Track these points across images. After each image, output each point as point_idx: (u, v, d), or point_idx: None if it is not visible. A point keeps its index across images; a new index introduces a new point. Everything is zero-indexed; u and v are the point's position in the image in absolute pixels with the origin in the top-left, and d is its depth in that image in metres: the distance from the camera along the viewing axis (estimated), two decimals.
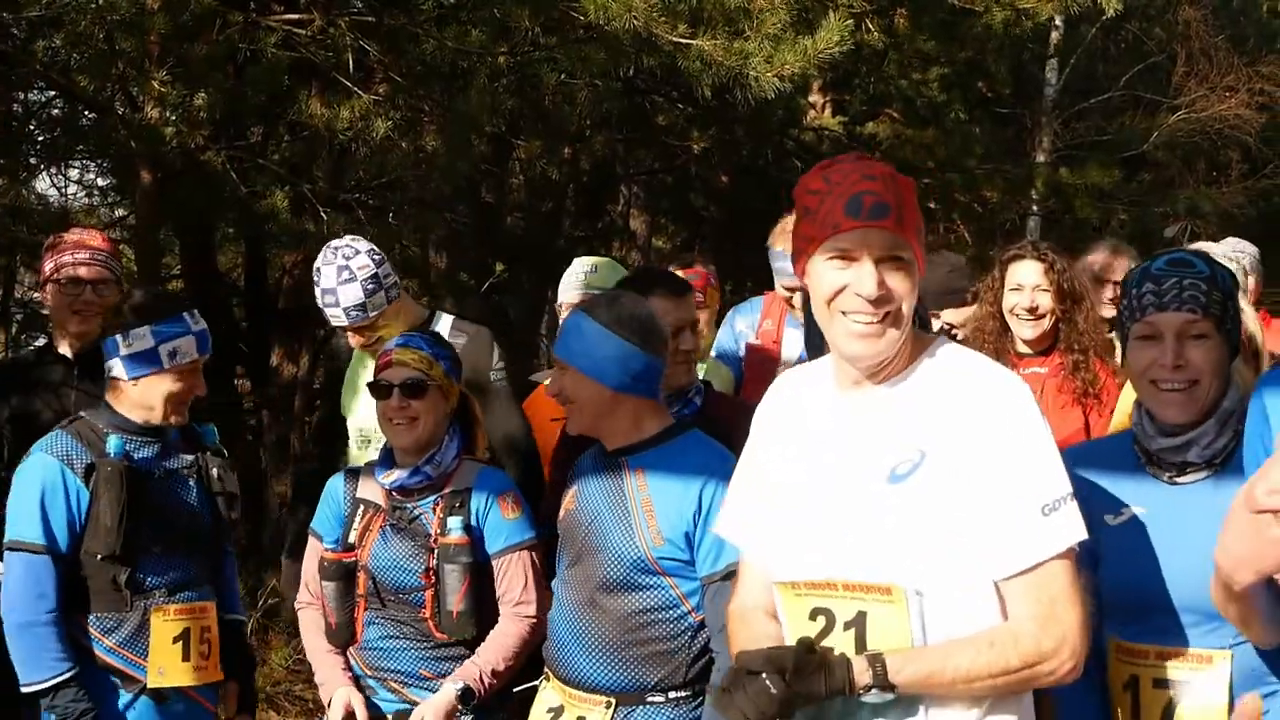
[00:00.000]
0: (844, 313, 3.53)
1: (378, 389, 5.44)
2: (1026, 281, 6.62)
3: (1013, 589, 3.48)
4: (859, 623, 3.50)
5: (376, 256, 6.53)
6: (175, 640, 5.35)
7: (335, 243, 6.56)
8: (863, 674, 3.42)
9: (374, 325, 6.48)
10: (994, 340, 6.68)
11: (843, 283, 3.52)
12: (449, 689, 5.23)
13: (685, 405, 5.54)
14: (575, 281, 7.30)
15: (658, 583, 4.78)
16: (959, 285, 7.51)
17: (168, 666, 5.34)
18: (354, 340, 6.57)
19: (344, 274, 6.38)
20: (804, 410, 3.80)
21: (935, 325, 7.06)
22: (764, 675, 3.37)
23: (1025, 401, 3.55)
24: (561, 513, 5.10)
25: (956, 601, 3.49)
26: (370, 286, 6.41)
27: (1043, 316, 6.59)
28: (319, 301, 6.49)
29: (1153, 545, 4.14)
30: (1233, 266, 6.51)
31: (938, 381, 3.58)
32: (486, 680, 5.27)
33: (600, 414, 4.91)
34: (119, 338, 5.31)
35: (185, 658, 5.38)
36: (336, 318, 6.43)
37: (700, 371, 6.97)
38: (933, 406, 3.53)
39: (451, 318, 6.81)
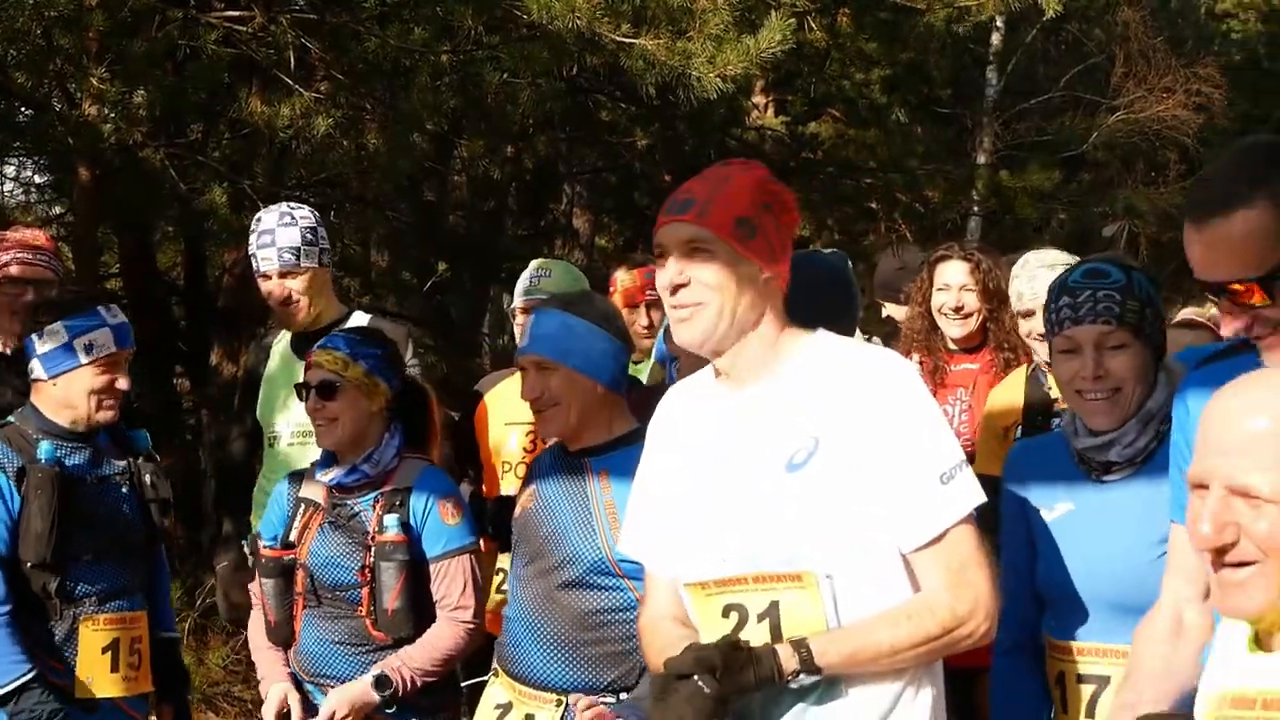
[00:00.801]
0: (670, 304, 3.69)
1: (300, 389, 5.46)
2: (953, 281, 6.68)
3: (921, 559, 3.57)
4: (772, 613, 3.56)
5: (317, 216, 6.63)
6: (104, 650, 5.30)
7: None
8: (789, 660, 3.47)
9: (302, 282, 6.48)
10: (923, 338, 6.78)
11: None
12: (365, 678, 5.21)
13: None
14: (530, 284, 7.29)
15: (616, 584, 4.79)
16: (901, 283, 7.59)
17: (96, 676, 5.28)
18: (278, 292, 6.52)
19: (285, 219, 6.46)
20: (694, 418, 3.86)
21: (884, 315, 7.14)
22: (695, 677, 3.39)
23: (909, 377, 3.68)
24: (518, 510, 5.10)
25: (866, 580, 3.56)
26: (309, 237, 6.49)
27: (969, 316, 6.66)
28: (253, 247, 6.54)
29: (1080, 542, 4.26)
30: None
31: (821, 370, 3.66)
32: (406, 673, 5.23)
33: (587, 412, 4.91)
34: (35, 336, 5.28)
35: (114, 668, 5.32)
36: (268, 259, 6.45)
37: (644, 373, 7.00)
38: (820, 394, 3.61)
39: (368, 315, 6.81)
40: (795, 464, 3.59)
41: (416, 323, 14.29)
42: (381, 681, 5.20)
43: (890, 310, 7.59)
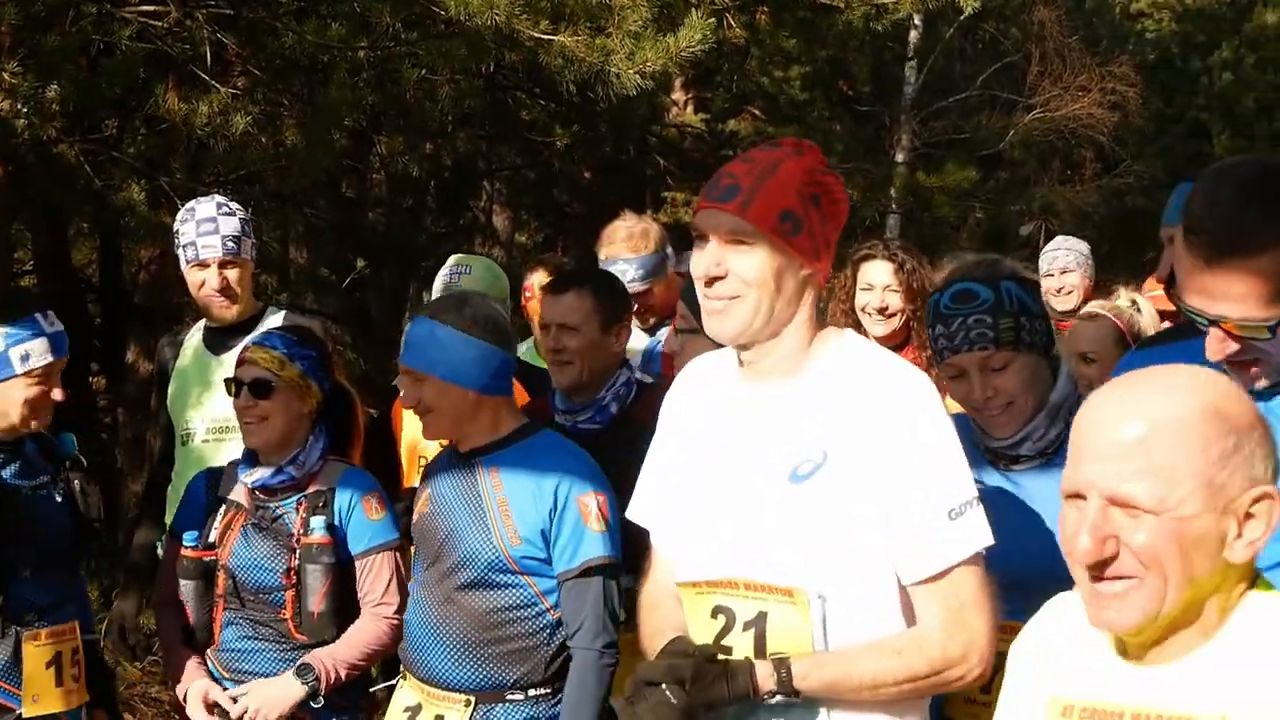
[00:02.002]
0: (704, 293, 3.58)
1: (231, 384, 5.40)
2: (877, 281, 6.67)
3: (921, 594, 3.48)
4: (759, 623, 3.49)
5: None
6: (48, 665, 5.16)
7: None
8: (767, 679, 3.41)
9: (239, 273, 6.46)
10: None
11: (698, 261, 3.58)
12: (287, 672, 5.18)
13: (599, 411, 5.60)
14: (449, 281, 7.26)
15: (515, 581, 4.78)
16: None
17: (42, 693, 5.14)
18: (215, 282, 6.46)
19: (224, 209, 6.42)
20: (707, 403, 3.78)
21: None
22: (664, 686, 3.36)
23: (930, 401, 3.53)
24: (415, 515, 5.07)
25: (859, 605, 3.48)
26: (246, 229, 6.46)
27: (893, 316, 6.66)
28: (190, 235, 6.42)
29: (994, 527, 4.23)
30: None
31: (842, 378, 3.56)
32: (330, 665, 5.19)
33: (461, 418, 4.89)
34: None
35: (59, 682, 5.19)
36: (211, 248, 6.36)
37: None
38: (836, 405, 3.51)
39: (284, 312, 6.76)
40: (800, 475, 3.50)
41: (335, 320, 14.24)
42: (304, 670, 5.17)
43: None
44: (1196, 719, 2.48)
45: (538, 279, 7.62)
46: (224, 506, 5.43)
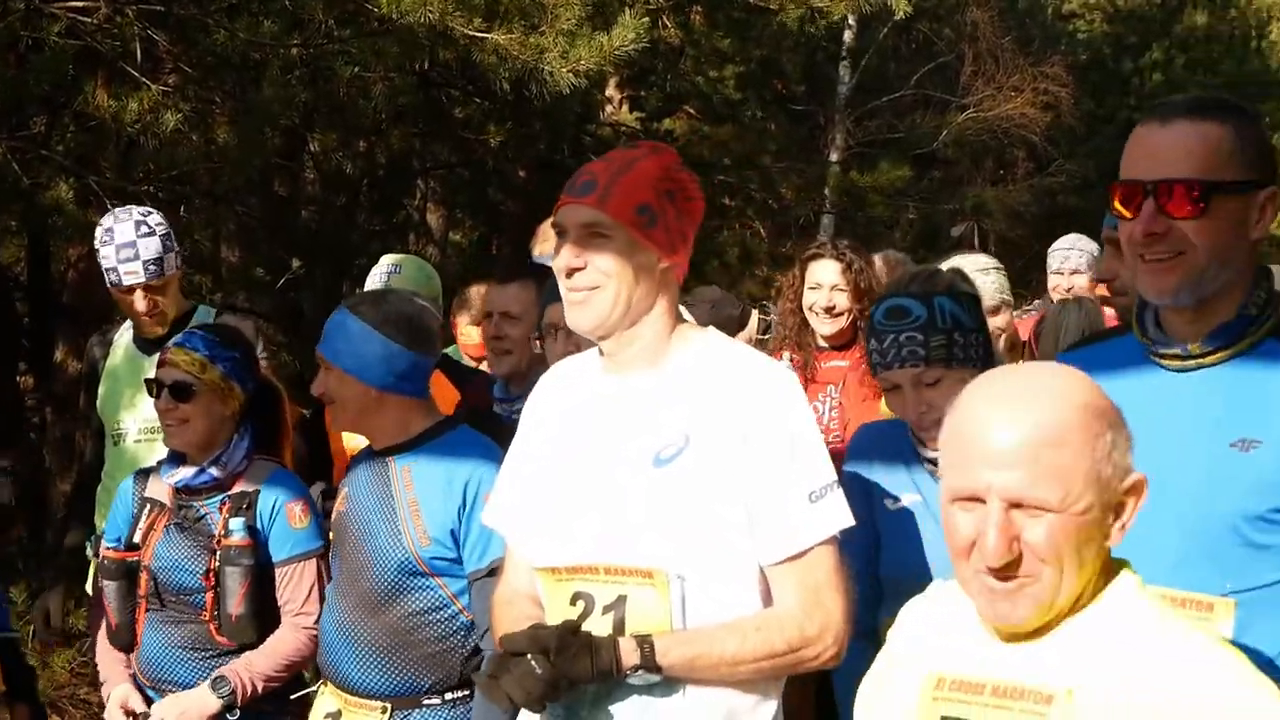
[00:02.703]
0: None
1: (152, 385, 5.36)
2: (825, 280, 6.71)
3: (779, 575, 3.55)
4: (619, 606, 3.53)
5: (163, 217, 6.52)
6: None
7: (119, 209, 6.49)
8: (630, 655, 3.44)
9: (165, 292, 6.40)
10: (794, 335, 6.82)
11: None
12: (202, 684, 5.14)
13: None
14: (379, 280, 7.23)
15: (427, 584, 4.75)
16: (726, 314, 7.68)
17: None
18: (143, 306, 6.41)
19: (143, 229, 6.32)
20: (570, 399, 3.83)
21: None
22: (529, 657, 3.38)
23: (791, 389, 3.65)
24: (334, 514, 5.05)
25: (718, 585, 3.54)
26: (168, 244, 6.39)
27: (840, 315, 6.69)
28: (111, 260, 6.36)
29: (926, 532, 4.29)
30: (990, 280, 6.71)
31: (703, 369, 3.64)
32: (246, 678, 5.15)
33: (363, 413, 4.86)
34: None
35: None
36: (134, 274, 6.31)
37: None
38: (698, 392, 3.59)
39: (214, 310, 6.73)
40: (662, 459, 3.56)
41: (268, 319, 14.13)
42: (219, 682, 5.12)
43: None
44: (1047, 691, 2.59)
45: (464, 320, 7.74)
46: (147, 506, 5.39)
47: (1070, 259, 8.79)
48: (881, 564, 4.36)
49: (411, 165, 17.16)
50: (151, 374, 5.43)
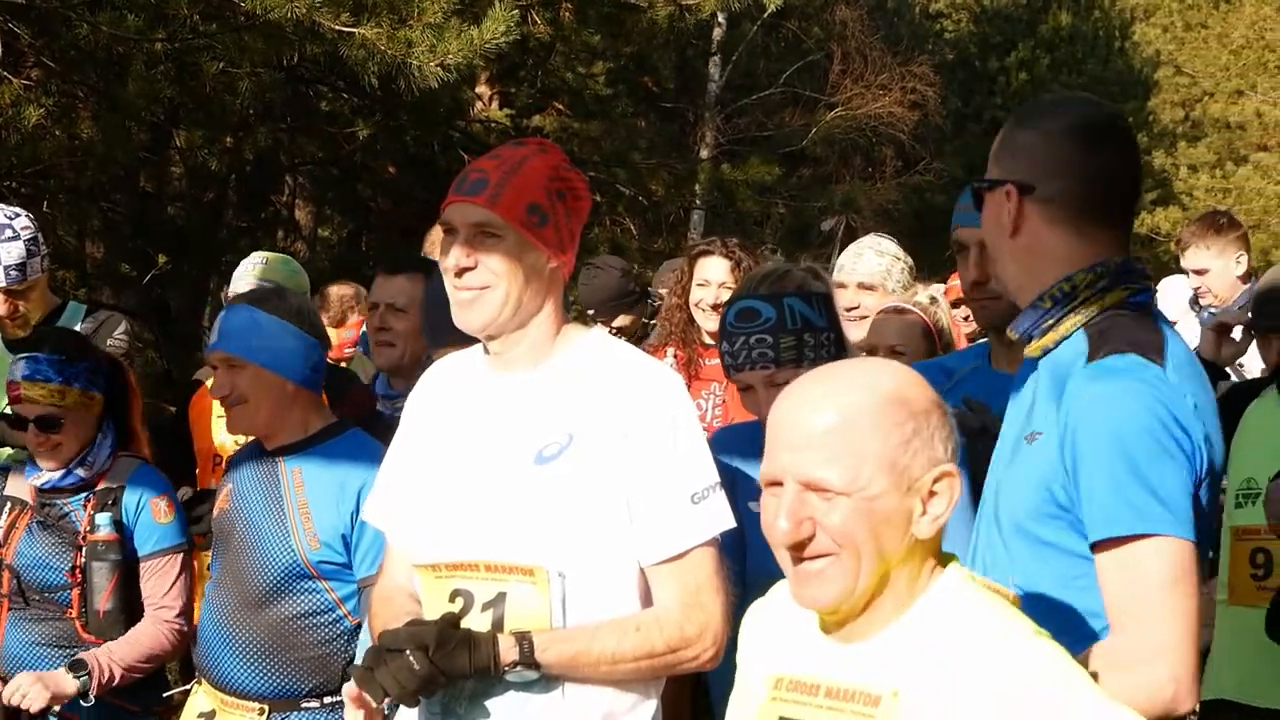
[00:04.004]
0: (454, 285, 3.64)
1: (16, 421, 5.24)
2: (713, 278, 6.73)
3: (659, 574, 3.54)
4: (498, 604, 3.50)
5: (34, 222, 6.42)
6: None
7: None
8: (509, 651, 3.42)
9: (29, 296, 6.32)
10: (681, 331, 6.83)
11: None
12: (61, 667, 5.04)
13: None
14: (247, 276, 7.18)
15: (313, 587, 4.71)
16: (629, 288, 7.72)
17: None
18: (4, 310, 6.34)
19: (6, 232, 6.24)
20: (454, 395, 3.81)
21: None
22: (407, 651, 3.36)
23: (675, 390, 3.65)
24: (216, 511, 4.97)
25: (598, 584, 3.53)
26: (32, 249, 6.30)
27: None
28: None
29: None
30: (900, 264, 6.75)
31: (588, 367, 3.64)
32: (105, 663, 5.05)
33: (278, 411, 4.79)
34: None
35: None
36: None
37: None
38: (582, 391, 3.58)
39: (83, 307, 6.66)
40: (544, 457, 3.55)
41: (134, 315, 13.97)
42: (77, 666, 5.03)
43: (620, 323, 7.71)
44: (872, 692, 2.62)
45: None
46: (8, 504, 5.31)
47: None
48: (749, 565, 4.35)
49: (279, 161, 17.03)
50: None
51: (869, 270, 6.48)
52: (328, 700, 4.70)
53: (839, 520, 2.62)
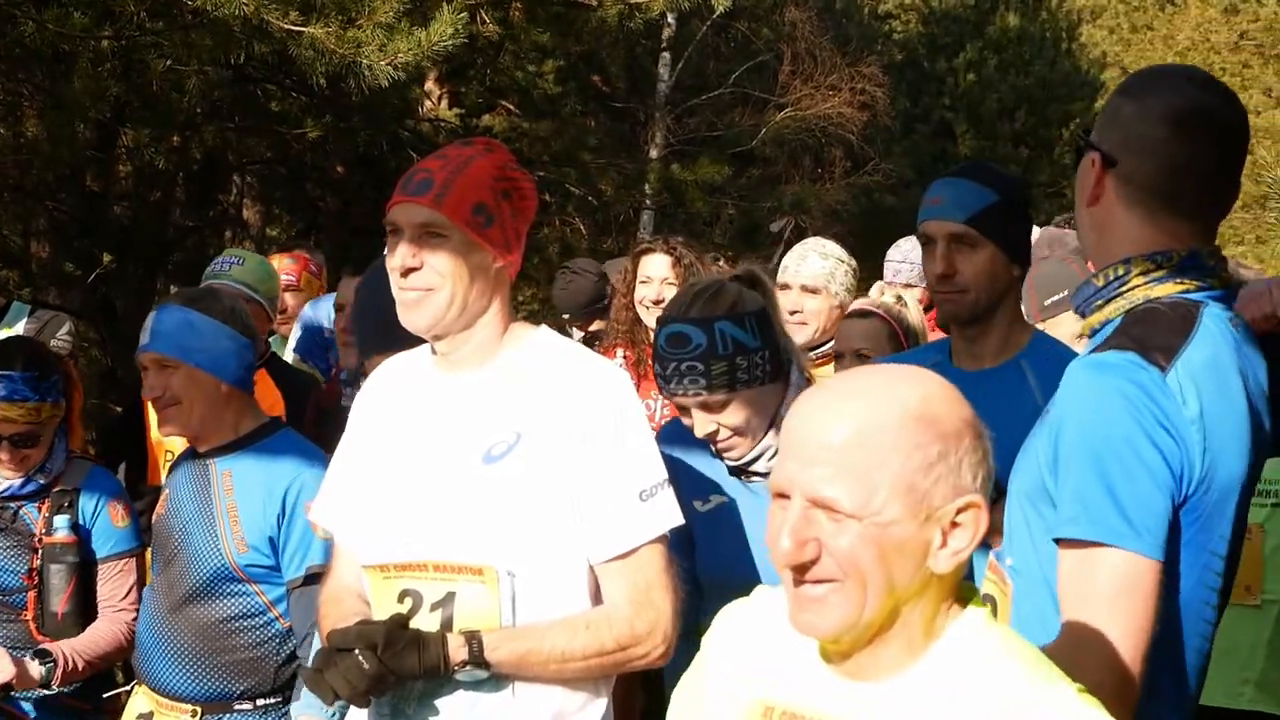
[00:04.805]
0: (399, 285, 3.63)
1: None
2: (655, 275, 6.79)
3: (608, 572, 3.55)
4: (447, 603, 3.51)
5: None
6: None
7: None
8: (458, 650, 3.42)
9: None
10: (628, 330, 6.87)
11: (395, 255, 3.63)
12: (26, 655, 5.04)
13: None
14: (218, 270, 7.14)
15: (243, 590, 4.68)
16: (603, 290, 7.75)
17: None
18: None
19: None
20: (401, 396, 3.81)
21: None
22: (356, 651, 3.35)
23: (623, 388, 3.66)
24: (155, 515, 4.97)
25: (548, 583, 3.53)
26: None
27: None
28: None
29: (738, 532, 4.28)
30: (844, 267, 6.76)
31: (535, 366, 3.64)
32: (69, 653, 5.07)
33: (211, 411, 4.77)
34: None
35: None
36: None
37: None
38: (530, 389, 3.59)
39: (28, 307, 6.62)
40: (492, 456, 3.55)
41: (80, 315, 13.90)
42: (43, 653, 5.03)
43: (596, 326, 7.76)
44: None
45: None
46: None
47: (901, 273, 8.46)
48: (698, 565, 4.36)
49: (227, 160, 16.97)
50: None
51: (813, 273, 6.49)
52: (260, 703, 4.70)
53: (846, 545, 2.38)
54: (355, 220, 17.44)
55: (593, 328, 7.88)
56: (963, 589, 2.52)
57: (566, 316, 8.17)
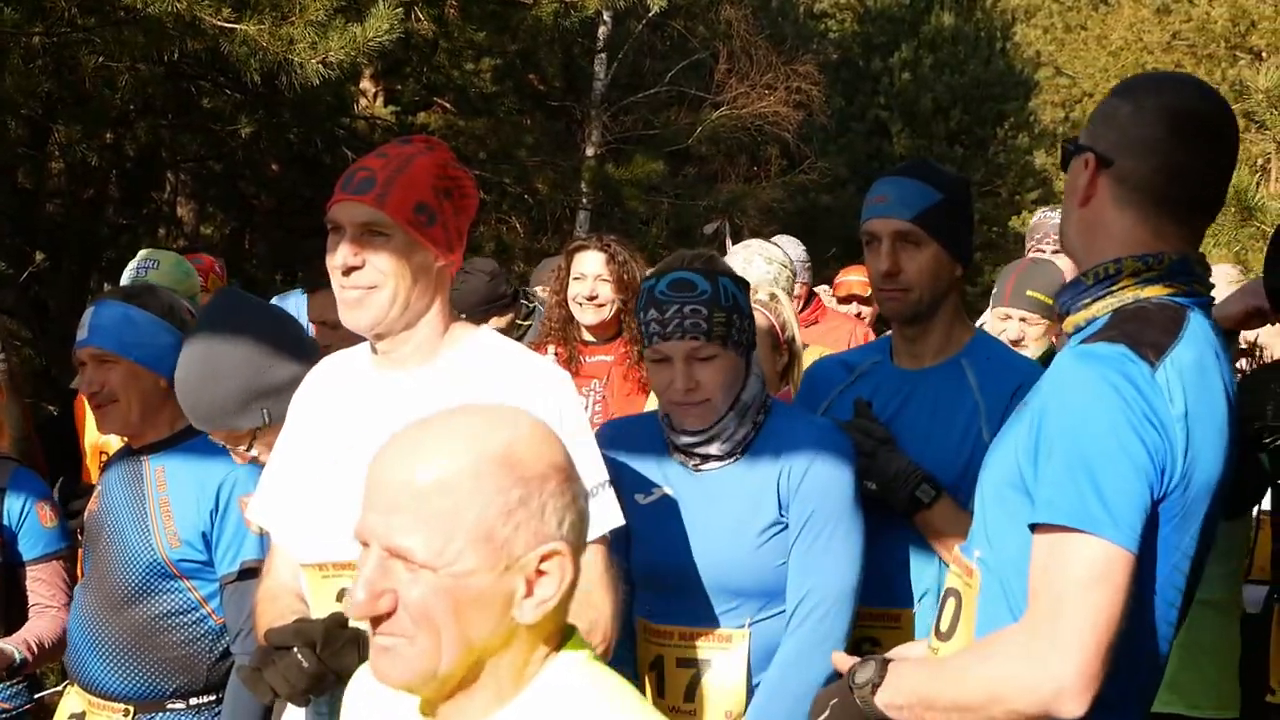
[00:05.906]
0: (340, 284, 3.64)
1: None
2: (588, 271, 6.80)
3: None
4: None
5: None
6: None
7: None
8: None
9: None
10: (560, 328, 6.88)
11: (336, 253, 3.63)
12: None
13: None
14: (136, 276, 7.09)
15: (175, 586, 4.65)
16: (500, 290, 7.74)
17: None
18: None
19: None
20: (339, 394, 3.81)
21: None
22: (295, 649, 3.35)
23: (564, 387, 3.67)
24: (87, 512, 4.94)
25: None
26: None
27: (603, 305, 6.78)
28: None
29: (680, 526, 4.26)
30: (787, 271, 6.81)
31: (476, 365, 3.65)
32: (30, 639, 5.08)
33: (149, 409, 4.76)
34: None
35: None
36: None
37: None
38: (470, 389, 3.56)
39: None
40: None
41: (12, 314, 13.81)
42: (17, 664, 5.04)
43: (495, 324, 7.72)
44: None
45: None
46: None
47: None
48: (635, 559, 4.36)
49: (160, 157, 16.88)
50: None
51: (759, 277, 6.51)
52: (194, 701, 4.67)
53: (418, 597, 2.27)
54: (289, 218, 17.37)
55: (489, 326, 7.88)
56: (565, 630, 2.45)
57: (463, 316, 8.17)
